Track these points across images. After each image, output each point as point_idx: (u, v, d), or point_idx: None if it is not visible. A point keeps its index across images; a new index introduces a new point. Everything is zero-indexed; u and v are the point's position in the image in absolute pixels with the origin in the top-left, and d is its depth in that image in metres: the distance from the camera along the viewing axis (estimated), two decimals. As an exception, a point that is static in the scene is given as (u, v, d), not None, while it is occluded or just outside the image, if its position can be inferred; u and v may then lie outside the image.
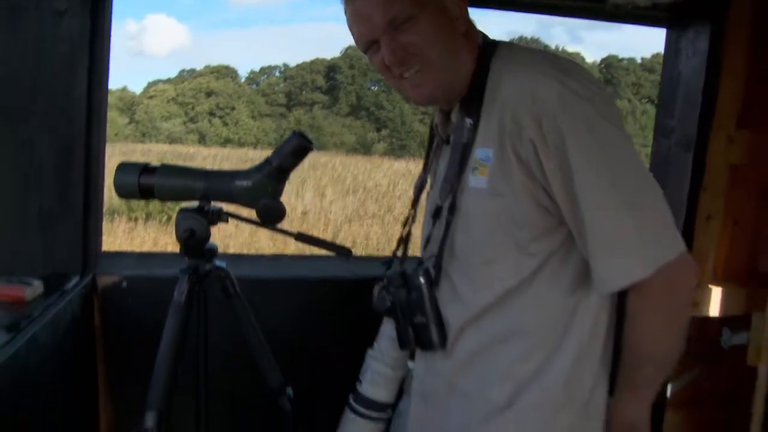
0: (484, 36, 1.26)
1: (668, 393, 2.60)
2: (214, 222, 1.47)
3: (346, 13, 1.22)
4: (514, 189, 1.13)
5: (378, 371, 1.46)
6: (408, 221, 1.42)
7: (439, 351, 1.25)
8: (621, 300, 1.21)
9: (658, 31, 2.53)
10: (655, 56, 44.34)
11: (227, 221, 1.48)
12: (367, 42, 1.20)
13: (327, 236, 11.86)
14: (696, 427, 2.69)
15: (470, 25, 1.25)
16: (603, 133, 1.08)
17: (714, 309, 2.55)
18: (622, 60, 45.89)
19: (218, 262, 1.54)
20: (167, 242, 10.23)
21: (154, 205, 13.23)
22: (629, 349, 1.20)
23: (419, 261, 1.32)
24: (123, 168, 1.48)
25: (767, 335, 1.71)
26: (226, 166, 21.34)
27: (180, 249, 1.48)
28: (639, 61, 45.30)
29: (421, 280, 1.23)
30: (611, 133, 1.09)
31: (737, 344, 2.31)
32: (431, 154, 1.39)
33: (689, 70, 2.41)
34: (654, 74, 43.58)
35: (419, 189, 1.41)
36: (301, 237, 1.48)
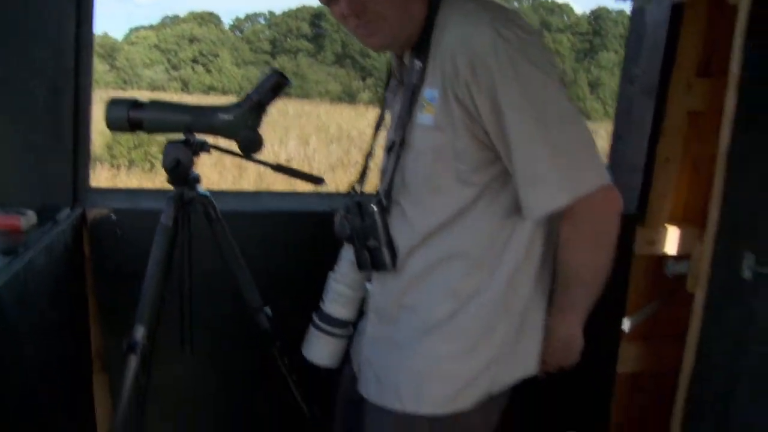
0: None
1: (625, 328, 2.77)
2: (197, 153, 1.60)
3: None
4: (455, 126, 1.25)
5: (338, 291, 1.61)
6: (367, 155, 1.53)
7: (391, 271, 1.38)
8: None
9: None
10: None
11: (210, 152, 1.61)
12: None
13: (309, 184, 11.92)
14: (650, 359, 2.87)
15: None
16: (529, 77, 1.20)
17: (670, 247, 2.71)
18: (611, 12, 45.57)
19: (201, 190, 1.67)
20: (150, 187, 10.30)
21: (137, 152, 13.21)
22: (560, 271, 1.36)
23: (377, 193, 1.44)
24: (114, 103, 1.59)
25: (705, 263, 1.86)
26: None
27: (167, 178, 1.61)
28: (628, 13, 44.89)
29: (374, 208, 1.35)
30: (537, 76, 1.21)
31: (680, 272, 2.47)
32: (388, 94, 1.50)
33: (654, 19, 2.51)
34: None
35: (377, 126, 1.52)
36: (279, 168, 1.60)
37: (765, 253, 1.75)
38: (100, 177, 11.41)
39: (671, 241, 2.70)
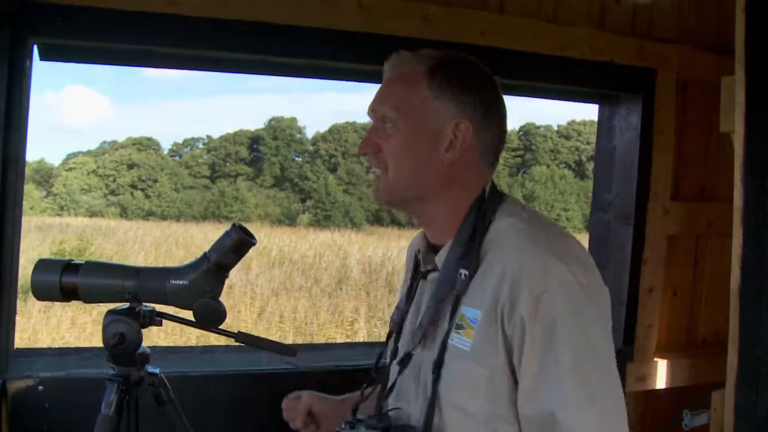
0: (494, 185, 1.23)
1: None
2: (146, 324, 1.33)
3: None
4: (496, 361, 1.09)
5: None
6: (380, 358, 1.35)
7: None
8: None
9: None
10: (570, 123, 46.34)
11: (161, 324, 1.34)
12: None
13: (254, 310, 11.54)
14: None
15: (470, 159, 1.20)
16: (593, 335, 1.07)
17: (660, 381, 2.55)
18: (539, 127, 47.57)
19: (151, 369, 1.39)
20: (86, 321, 9.73)
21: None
22: None
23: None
24: (42, 265, 1.33)
25: (729, 414, 1.68)
26: (149, 239, 20.83)
27: (107, 357, 1.33)
28: (555, 128, 47.08)
29: None
30: (600, 338, 1.08)
31: (699, 425, 2.30)
32: (413, 286, 1.31)
33: (623, 145, 2.46)
34: (570, 141, 45.36)
35: (400, 323, 1.31)
36: (242, 337, 1.36)
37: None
38: (33, 310, 10.66)
39: (660, 374, 2.54)
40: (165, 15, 1.84)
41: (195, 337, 8.14)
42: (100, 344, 1.39)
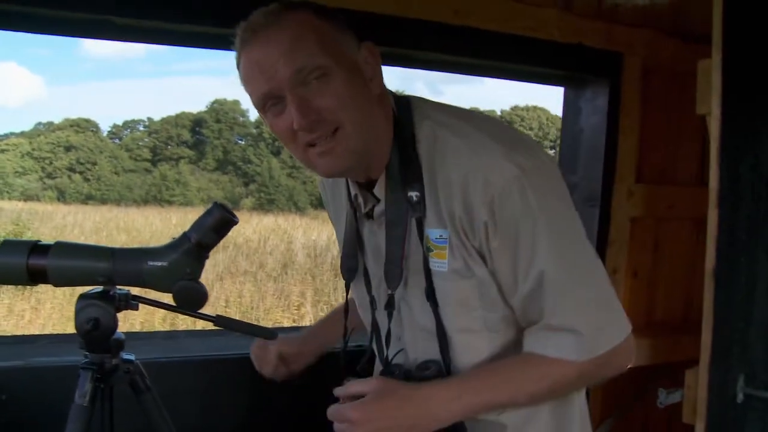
0: (393, 95, 1.18)
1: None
2: (121, 309, 1.26)
3: (240, 67, 1.09)
4: (478, 270, 1.09)
5: None
6: (347, 312, 1.32)
7: None
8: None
9: (515, 85, 2.61)
10: (514, 109, 46.92)
11: (137, 308, 1.28)
12: (264, 98, 1.07)
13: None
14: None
15: (384, 86, 1.16)
16: (555, 218, 1.07)
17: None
18: (483, 112, 47.97)
19: (126, 355, 1.33)
20: (24, 309, 9.41)
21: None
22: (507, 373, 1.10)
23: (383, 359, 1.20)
24: (7, 246, 1.24)
25: (702, 391, 1.72)
26: (88, 224, 20.33)
27: (81, 344, 1.26)
28: (499, 113, 47.56)
29: None
30: (562, 215, 1.09)
31: (673, 403, 2.34)
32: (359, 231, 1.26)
33: (590, 127, 2.46)
34: (513, 126, 45.93)
35: (352, 272, 1.27)
36: (221, 321, 1.30)
37: (754, 372, 1.62)
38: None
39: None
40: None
41: (139, 322, 7.96)
42: (41, 332, 1.32)
